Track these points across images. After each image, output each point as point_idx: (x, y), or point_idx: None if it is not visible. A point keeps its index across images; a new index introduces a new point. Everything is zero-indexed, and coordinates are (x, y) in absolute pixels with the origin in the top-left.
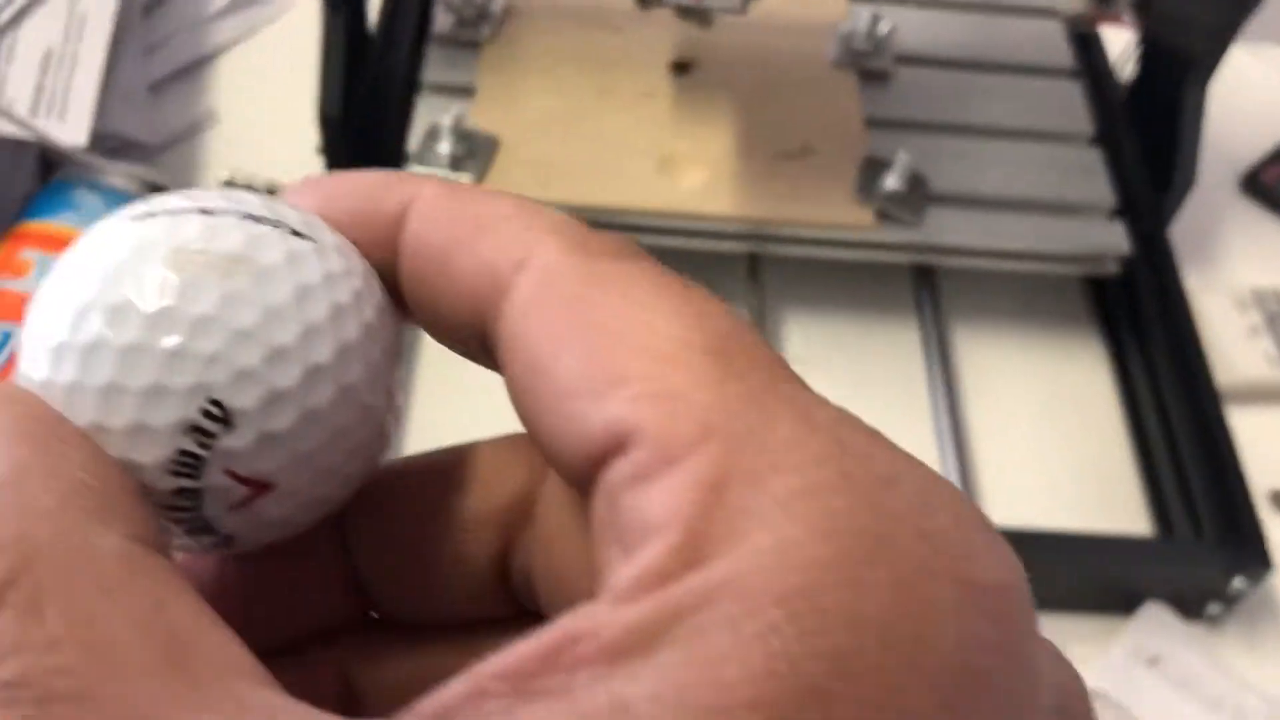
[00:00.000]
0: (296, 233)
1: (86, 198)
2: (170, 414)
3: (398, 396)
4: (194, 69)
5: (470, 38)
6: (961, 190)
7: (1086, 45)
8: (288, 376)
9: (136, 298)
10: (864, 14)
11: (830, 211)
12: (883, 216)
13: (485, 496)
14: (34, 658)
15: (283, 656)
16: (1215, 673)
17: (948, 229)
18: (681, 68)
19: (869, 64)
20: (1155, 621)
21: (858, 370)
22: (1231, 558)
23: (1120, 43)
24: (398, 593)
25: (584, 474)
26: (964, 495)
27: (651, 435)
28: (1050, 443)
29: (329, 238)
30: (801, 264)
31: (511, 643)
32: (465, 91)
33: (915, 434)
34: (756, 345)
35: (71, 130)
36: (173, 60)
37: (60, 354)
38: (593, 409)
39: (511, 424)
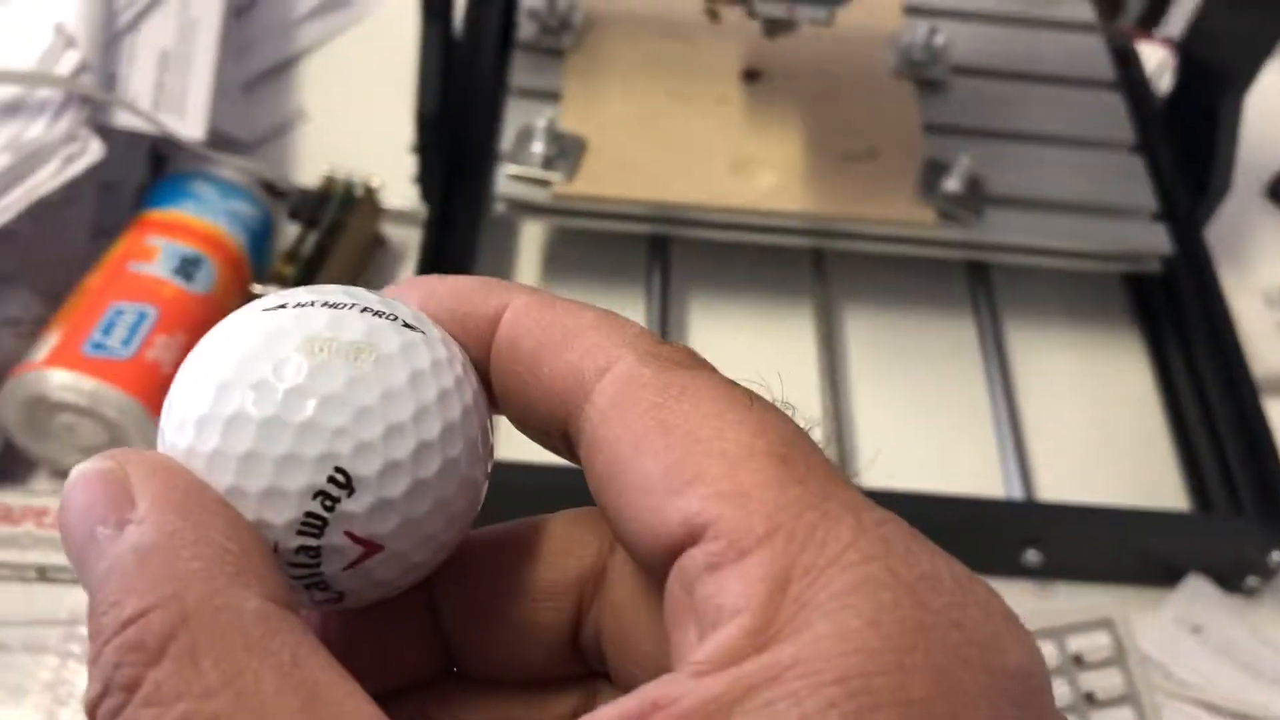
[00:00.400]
0: (408, 325)
1: (203, 189)
2: (301, 479)
3: (489, 473)
4: (282, 69)
5: (553, 45)
6: (1014, 192)
7: (1125, 60)
8: (402, 449)
9: (274, 377)
10: (921, 26)
11: (894, 210)
12: (943, 215)
13: (561, 567)
14: (195, 704)
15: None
16: (1254, 641)
17: (1002, 228)
18: (751, 76)
19: (926, 73)
20: (1197, 593)
21: (916, 358)
22: (1270, 533)
23: (1156, 58)
24: (479, 651)
25: (660, 559)
26: (991, 589)
27: (725, 529)
28: (1097, 427)
29: (435, 330)
30: (862, 258)
31: (597, 707)
32: (550, 96)
33: (971, 418)
34: (813, 452)
35: (190, 125)
36: (263, 60)
37: (204, 425)
38: (671, 504)
39: None
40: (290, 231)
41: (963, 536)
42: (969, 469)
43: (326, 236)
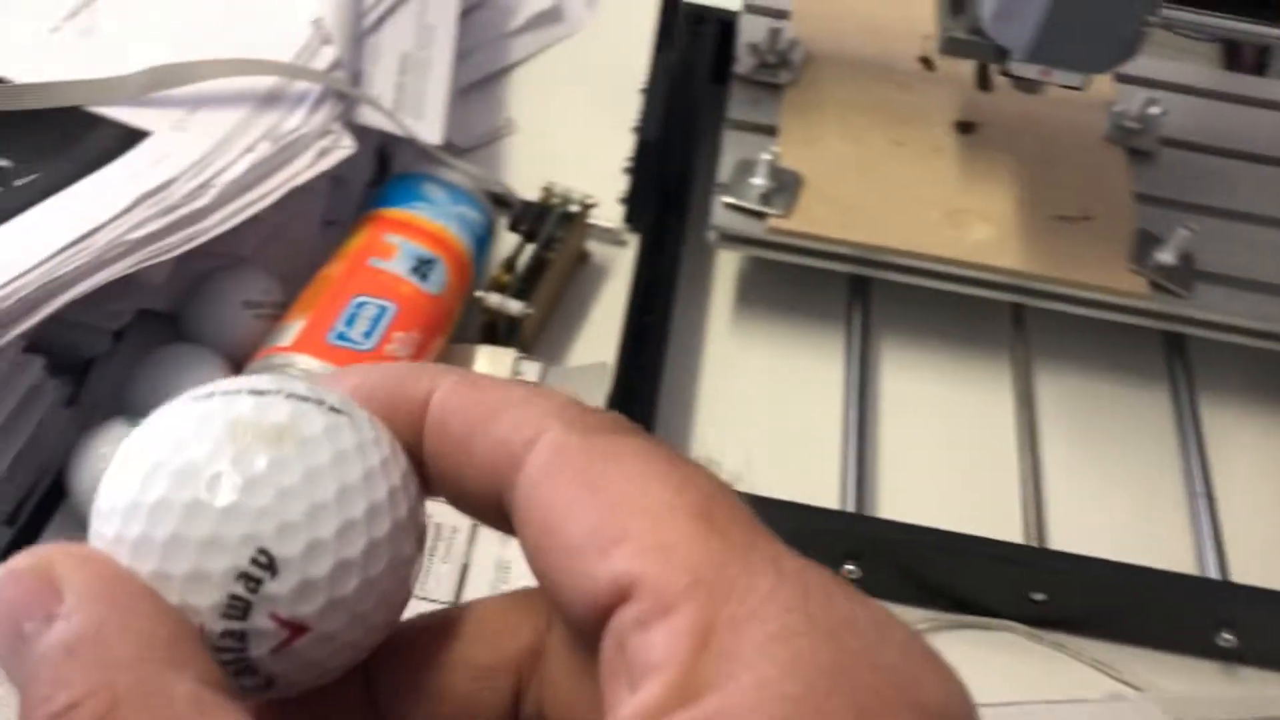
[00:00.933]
0: (334, 409)
1: (434, 191)
2: (224, 561)
3: (421, 553)
4: (495, 78)
5: (771, 80)
6: (1223, 269)
7: None
8: (326, 529)
9: (199, 461)
10: (1138, 95)
11: (1108, 277)
12: (1155, 286)
13: (498, 647)
14: None
15: None
16: None
17: (1211, 305)
18: (966, 127)
19: (1136, 141)
20: None
21: (1107, 424)
22: None
23: None
24: None
25: (593, 621)
26: (912, 629)
27: (650, 586)
28: None
29: (361, 413)
30: (1061, 318)
31: None
32: (766, 130)
33: (1161, 491)
34: (735, 505)
35: (428, 128)
36: (477, 69)
37: (130, 512)
38: (599, 564)
39: None
40: (506, 241)
41: (1153, 611)
42: (1158, 543)
43: (543, 250)
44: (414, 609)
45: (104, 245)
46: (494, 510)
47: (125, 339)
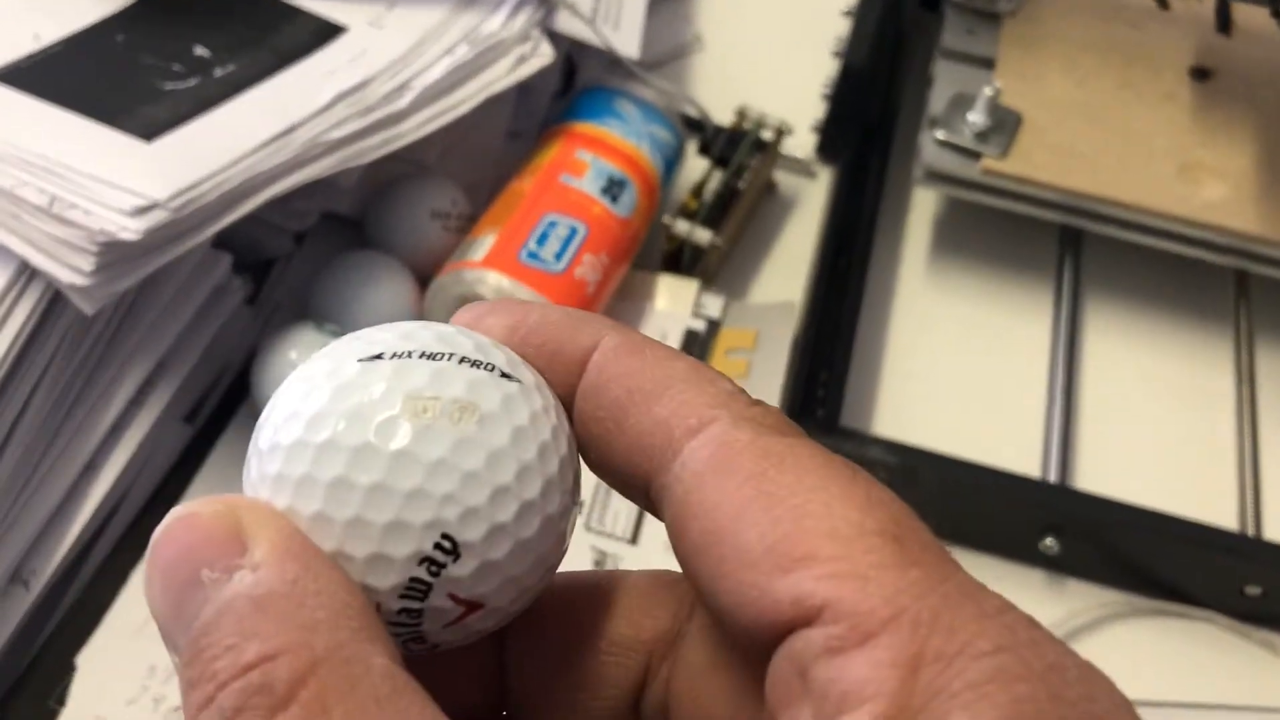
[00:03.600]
0: (505, 375)
1: (627, 108)
2: (408, 546)
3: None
4: None
5: (989, 8)
6: None
7: None
8: (507, 512)
9: (379, 440)
10: None
11: None
12: None
13: (635, 624)
14: None
15: None
16: None
17: None
18: (1202, 74)
19: None
20: None
21: None
22: None
23: None
24: (538, 697)
25: (763, 637)
26: (1110, 681)
27: (845, 612)
28: None
29: (529, 376)
30: None
31: None
32: (981, 62)
33: None
34: (923, 529)
35: (626, 41)
36: None
37: (305, 486)
38: (779, 582)
39: None
40: (692, 166)
41: None
42: None
43: (734, 177)
44: (592, 544)
45: (303, 143)
46: (638, 488)
47: (307, 242)
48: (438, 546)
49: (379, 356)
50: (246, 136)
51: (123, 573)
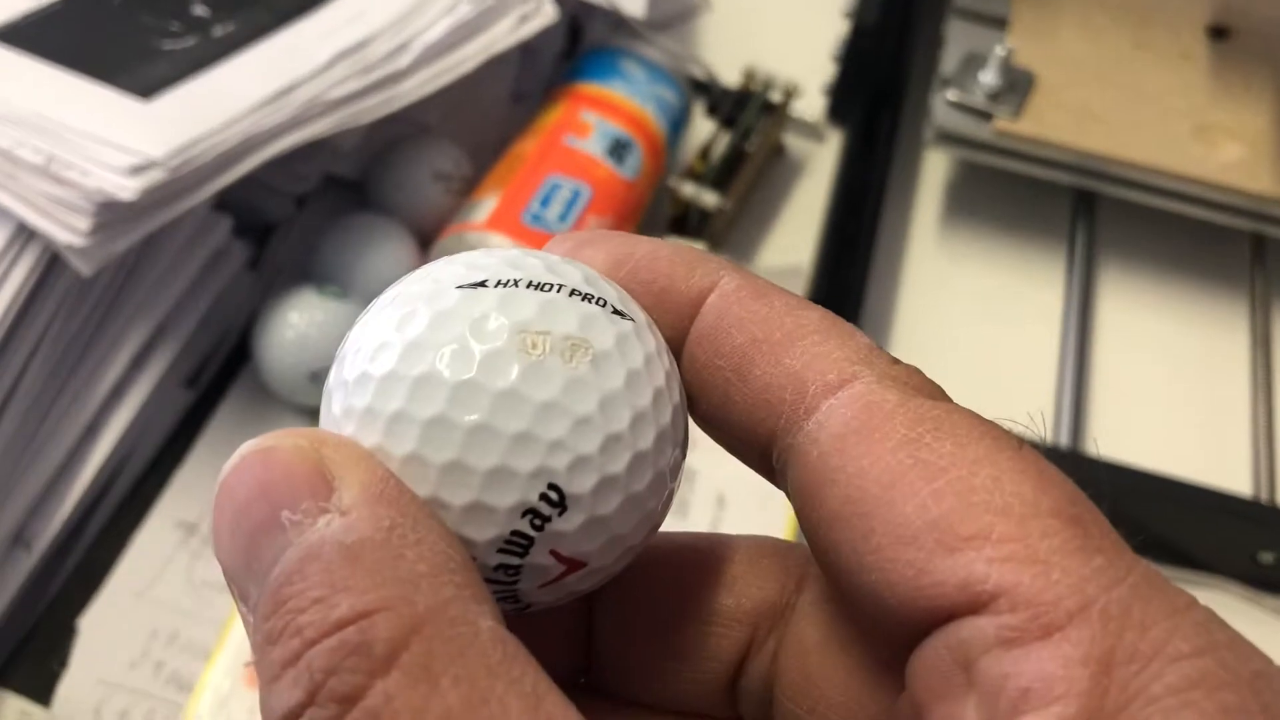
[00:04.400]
0: (618, 311)
1: (633, 68)
2: (511, 496)
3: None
4: None
5: None
6: None
7: None
8: (619, 463)
9: (484, 377)
10: None
11: None
12: None
13: (741, 594)
14: None
15: None
16: None
17: None
18: (1219, 32)
19: None
20: None
21: None
22: None
23: None
24: (624, 666)
25: (914, 620)
26: None
27: (1024, 600)
28: None
29: (640, 314)
30: None
31: None
32: (994, 21)
33: None
34: (1097, 511)
35: (631, 0)
36: None
37: (398, 423)
38: (943, 561)
39: None
40: (699, 128)
41: None
42: None
43: (741, 140)
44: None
45: (303, 103)
46: (756, 448)
47: (308, 205)
48: (543, 498)
49: (483, 284)
50: (245, 96)
51: (125, 536)
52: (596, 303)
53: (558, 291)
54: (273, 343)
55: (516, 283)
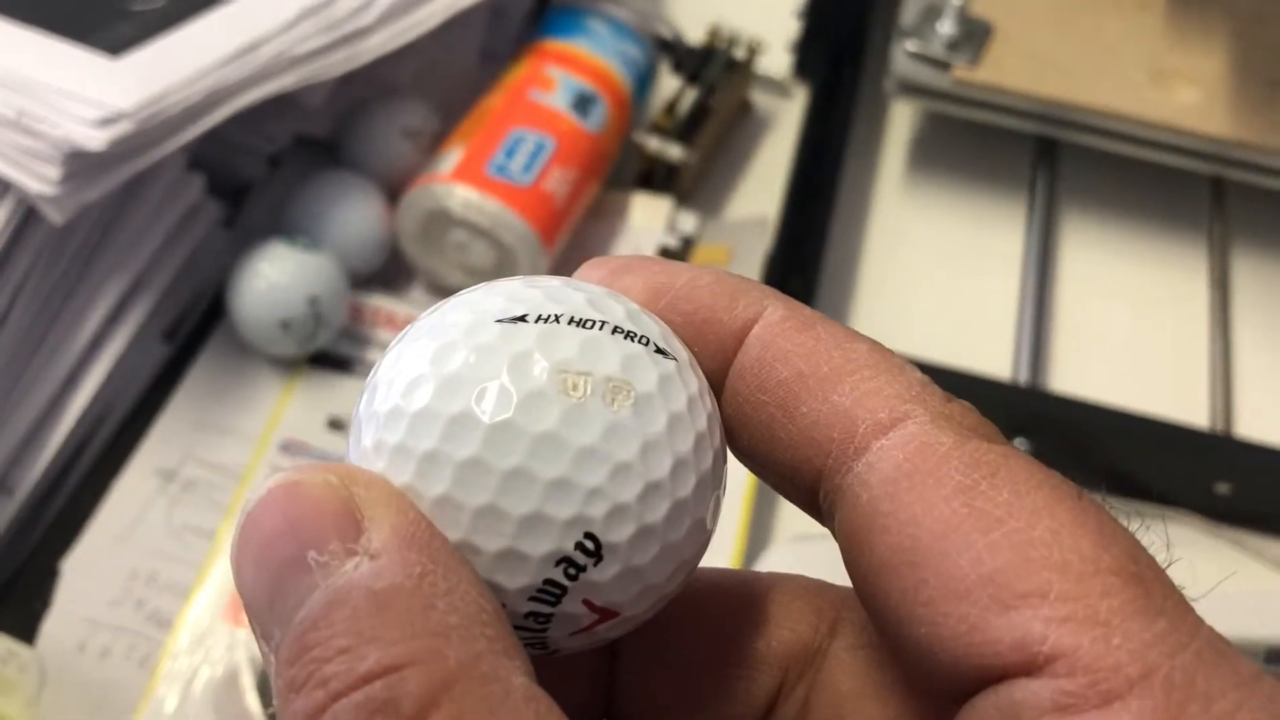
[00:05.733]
0: (660, 350)
1: (598, 25)
2: (546, 544)
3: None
4: None
5: None
6: None
7: None
8: (657, 512)
9: (522, 419)
10: None
11: None
12: None
13: (771, 637)
14: None
15: None
16: None
17: None
18: None
19: None
20: None
21: None
22: None
23: None
24: (648, 707)
25: (963, 677)
26: None
27: (1083, 665)
28: None
29: (682, 351)
30: (1264, 195)
31: None
32: None
33: None
34: (1160, 569)
35: None
36: None
37: (431, 463)
38: (998, 619)
39: None
40: (666, 85)
41: None
42: None
43: (706, 95)
44: None
45: (268, 58)
46: (801, 487)
47: (282, 165)
48: (579, 547)
49: (523, 318)
50: (211, 51)
51: (105, 483)
52: (639, 341)
53: (600, 329)
54: (245, 292)
55: (558, 318)
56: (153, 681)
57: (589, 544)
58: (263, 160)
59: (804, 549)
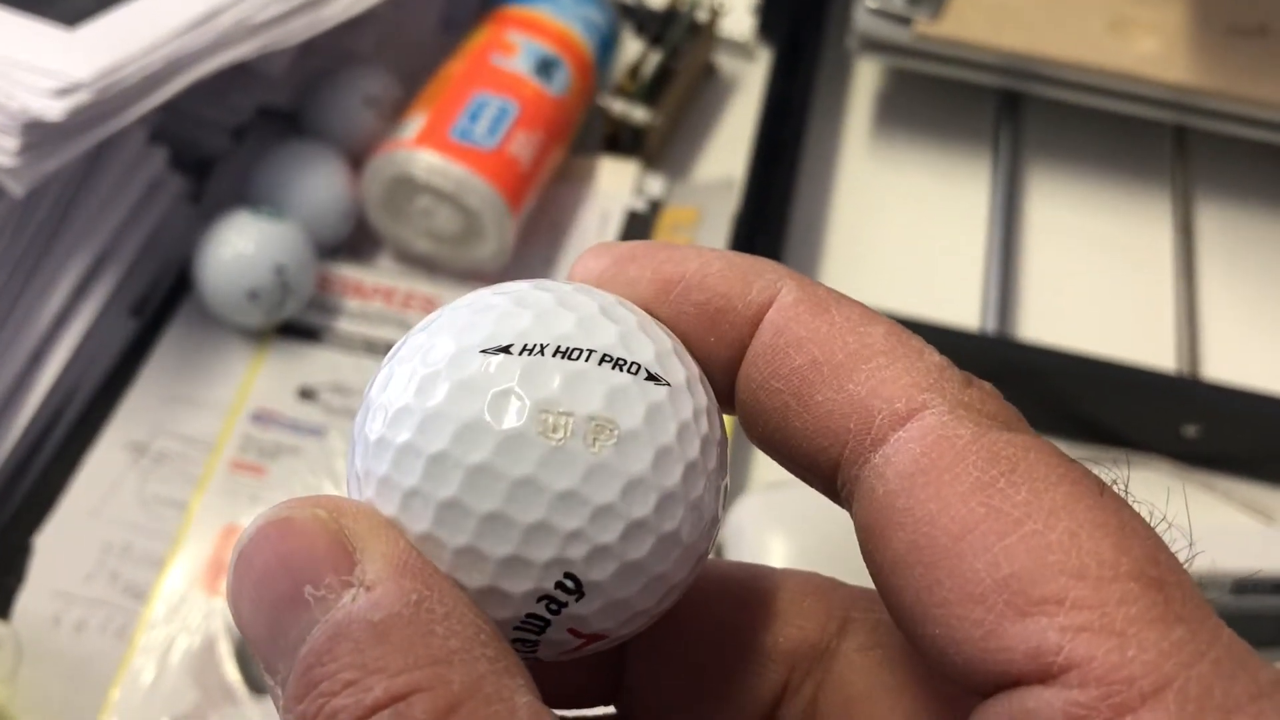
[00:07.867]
0: (651, 376)
1: None
2: (525, 584)
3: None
4: None
5: None
6: None
7: None
8: (640, 549)
9: (501, 462)
10: None
11: None
12: None
13: (776, 633)
14: None
15: None
16: None
17: None
18: None
19: None
20: None
21: (1273, 257)
22: None
23: None
24: (655, 698)
25: (976, 681)
26: None
27: (1095, 675)
28: None
29: (679, 371)
30: (1227, 141)
31: None
32: None
33: None
34: (1180, 570)
35: None
36: None
37: (414, 501)
38: (1012, 625)
39: None
40: (630, 49)
41: None
42: None
43: (669, 58)
44: None
45: (227, 26)
46: (818, 474)
47: (246, 139)
48: (559, 586)
49: (507, 349)
50: (170, 20)
51: (76, 458)
52: (629, 370)
53: (586, 360)
54: (211, 262)
55: (543, 349)
56: (130, 653)
57: (569, 583)
58: (226, 133)
59: (776, 496)
